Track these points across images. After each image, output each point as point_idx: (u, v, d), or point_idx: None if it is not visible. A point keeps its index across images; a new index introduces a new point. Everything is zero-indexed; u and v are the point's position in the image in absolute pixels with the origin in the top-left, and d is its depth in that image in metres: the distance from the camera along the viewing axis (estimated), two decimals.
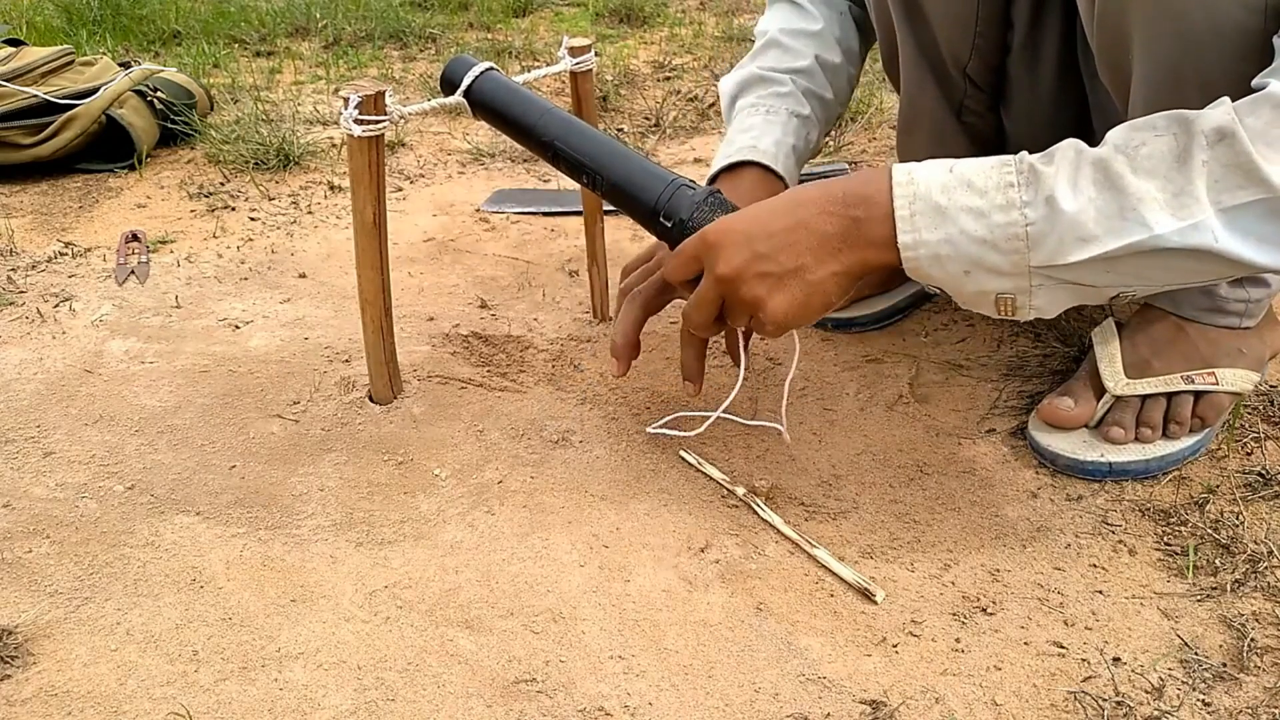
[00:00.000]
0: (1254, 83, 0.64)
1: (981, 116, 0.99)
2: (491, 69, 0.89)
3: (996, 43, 0.92)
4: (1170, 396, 0.87)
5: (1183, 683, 0.67)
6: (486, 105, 0.89)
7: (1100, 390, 0.88)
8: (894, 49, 0.99)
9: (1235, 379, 0.87)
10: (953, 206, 0.66)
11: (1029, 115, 0.97)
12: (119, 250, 1.30)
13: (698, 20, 2.44)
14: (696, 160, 1.61)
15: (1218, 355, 0.87)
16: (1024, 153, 0.66)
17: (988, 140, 1.02)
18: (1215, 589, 0.74)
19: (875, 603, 0.74)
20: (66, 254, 1.30)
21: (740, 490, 0.85)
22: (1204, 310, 0.87)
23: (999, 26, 0.91)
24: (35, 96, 1.51)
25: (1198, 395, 0.87)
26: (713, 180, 0.95)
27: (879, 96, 1.78)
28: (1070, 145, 0.66)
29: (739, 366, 0.86)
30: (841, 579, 0.76)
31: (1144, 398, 0.87)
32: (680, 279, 0.77)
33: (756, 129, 0.95)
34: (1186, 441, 0.86)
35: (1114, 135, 0.65)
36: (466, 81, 0.88)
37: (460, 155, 1.64)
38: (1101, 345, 0.89)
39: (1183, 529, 0.80)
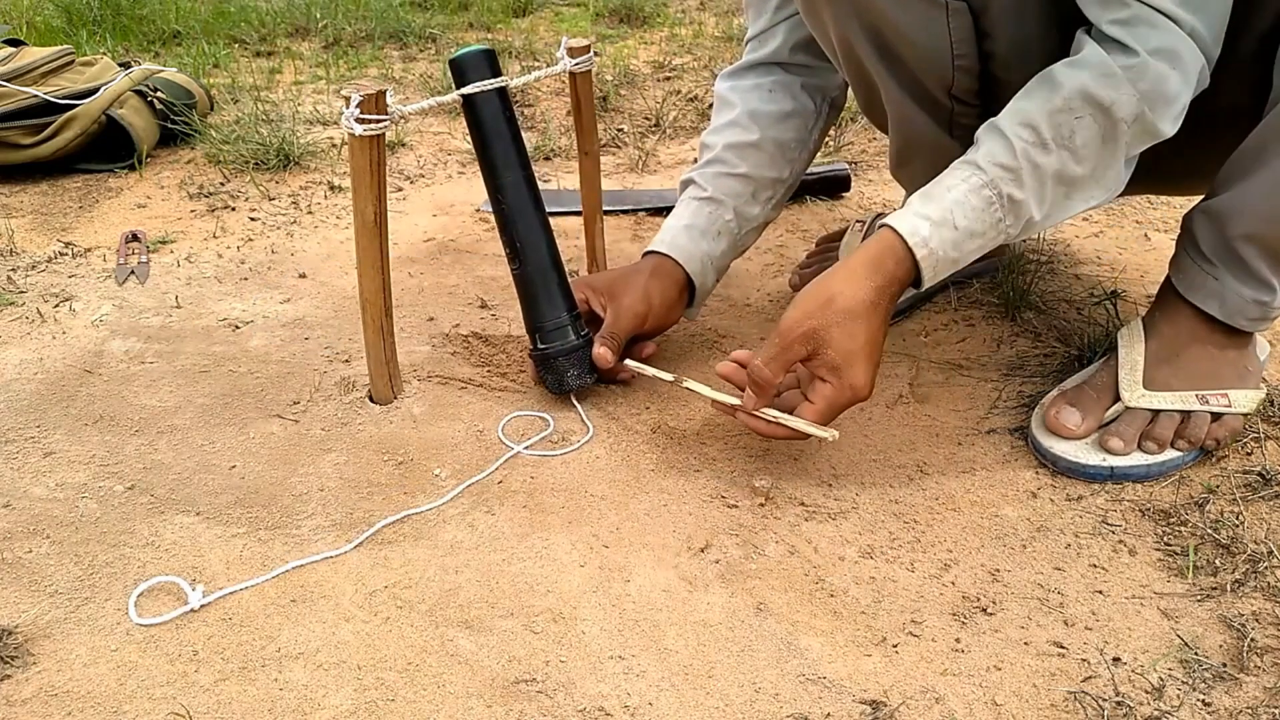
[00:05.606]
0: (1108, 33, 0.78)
1: (976, 124, 0.99)
2: (502, 87, 0.90)
3: (976, 58, 0.92)
4: (1186, 414, 0.87)
5: (1183, 683, 0.67)
6: (475, 122, 0.92)
7: (1112, 397, 0.88)
8: (870, 95, 0.99)
9: (1244, 400, 0.87)
10: (964, 257, 0.83)
11: None
12: (119, 250, 1.30)
13: (698, 20, 2.44)
14: (696, 160, 1.61)
15: (1231, 375, 0.87)
16: (995, 177, 0.81)
17: None
18: (1215, 589, 0.74)
19: (830, 442, 0.82)
20: (66, 254, 1.30)
21: (686, 383, 0.90)
22: (1253, 319, 0.86)
23: (975, 43, 0.91)
24: (35, 96, 1.51)
25: (1214, 416, 0.86)
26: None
27: None
28: (1026, 159, 0.80)
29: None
30: (797, 432, 0.82)
31: (1156, 411, 0.87)
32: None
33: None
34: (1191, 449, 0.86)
35: (1044, 125, 0.79)
36: (470, 90, 0.90)
37: (460, 155, 1.64)
38: (1126, 350, 0.89)
39: (1183, 529, 0.80)
